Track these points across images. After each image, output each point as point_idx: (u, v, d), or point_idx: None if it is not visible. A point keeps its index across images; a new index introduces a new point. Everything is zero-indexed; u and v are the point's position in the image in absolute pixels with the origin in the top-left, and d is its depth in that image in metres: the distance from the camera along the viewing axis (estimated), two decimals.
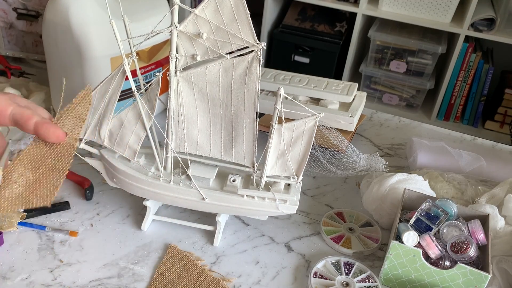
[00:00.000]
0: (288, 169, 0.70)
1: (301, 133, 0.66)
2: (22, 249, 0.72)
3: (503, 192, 0.84)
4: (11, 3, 1.14)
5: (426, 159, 0.93)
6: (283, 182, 0.71)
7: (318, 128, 0.86)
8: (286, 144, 0.67)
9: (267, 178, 0.70)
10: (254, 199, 0.70)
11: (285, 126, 0.65)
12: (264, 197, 0.70)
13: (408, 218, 0.73)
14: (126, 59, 0.63)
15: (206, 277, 0.70)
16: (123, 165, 0.71)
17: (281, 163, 0.69)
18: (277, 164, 0.69)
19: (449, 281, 0.67)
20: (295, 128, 0.66)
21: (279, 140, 0.67)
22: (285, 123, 0.65)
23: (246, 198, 0.70)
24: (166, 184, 0.70)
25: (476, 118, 2.30)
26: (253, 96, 0.64)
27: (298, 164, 0.69)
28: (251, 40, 0.60)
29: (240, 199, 0.70)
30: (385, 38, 2.21)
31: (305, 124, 0.66)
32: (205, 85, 0.65)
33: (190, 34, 0.60)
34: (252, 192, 0.70)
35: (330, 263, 0.73)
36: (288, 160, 0.69)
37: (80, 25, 0.85)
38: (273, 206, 0.71)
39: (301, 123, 0.66)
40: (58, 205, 0.79)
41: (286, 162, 0.69)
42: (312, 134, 0.67)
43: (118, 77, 0.64)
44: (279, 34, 2.40)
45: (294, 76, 1.04)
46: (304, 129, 0.66)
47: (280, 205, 0.70)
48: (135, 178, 0.71)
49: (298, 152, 0.68)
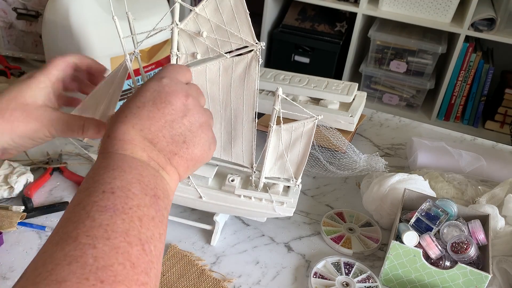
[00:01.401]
0: (287, 171, 0.70)
1: (300, 135, 0.66)
2: (22, 249, 0.72)
3: (503, 192, 0.84)
4: (11, 3, 1.14)
5: (426, 159, 0.93)
6: (282, 184, 0.71)
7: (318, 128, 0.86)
8: (285, 145, 0.67)
9: (266, 179, 0.70)
10: (251, 199, 0.70)
11: (284, 127, 0.65)
12: (261, 198, 0.70)
13: (408, 218, 0.73)
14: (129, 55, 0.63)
15: (207, 277, 0.70)
16: None
17: (280, 165, 0.69)
18: (275, 166, 0.69)
19: (449, 281, 0.67)
20: (294, 130, 0.66)
21: (277, 141, 0.67)
22: (284, 125, 0.65)
23: (243, 199, 0.70)
24: None
25: (476, 118, 2.30)
26: (252, 96, 0.64)
27: (296, 166, 0.69)
28: (250, 39, 0.60)
29: (237, 199, 0.70)
30: (385, 38, 2.21)
31: (304, 126, 0.66)
32: (205, 84, 0.65)
33: (190, 32, 0.60)
34: (249, 193, 0.70)
35: (330, 263, 0.73)
36: (286, 162, 0.69)
37: (80, 25, 0.85)
38: (270, 207, 0.71)
39: (299, 125, 0.65)
40: (58, 205, 0.79)
41: (285, 164, 0.69)
42: (311, 136, 0.66)
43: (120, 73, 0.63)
44: (279, 34, 2.40)
45: (294, 76, 1.04)
46: (302, 131, 0.66)
47: (277, 207, 0.70)
48: None
49: (296, 154, 0.68)
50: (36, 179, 0.83)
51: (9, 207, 0.76)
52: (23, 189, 0.81)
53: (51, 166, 0.86)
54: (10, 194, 0.80)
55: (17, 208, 0.76)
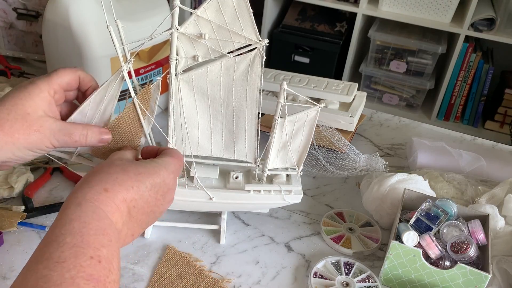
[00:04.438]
0: (289, 160, 0.70)
1: (302, 124, 0.67)
2: (22, 249, 0.72)
3: (503, 192, 0.84)
4: (11, 3, 1.14)
5: (426, 159, 0.93)
6: (284, 173, 0.72)
7: (318, 129, 0.86)
8: (288, 136, 0.68)
9: (269, 171, 0.71)
10: (261, 193, 0.71)
11: (288, 118, 0.66)
12: (270, 190, 0.71)
13: (408, 218, 0.73)
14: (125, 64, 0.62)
15: (205, 278, 0.70)
16: None
17: (282, 155, 0.70)
18: (278, 157, 0.70)
19: (449, 281, 0.67)
20: (297, 120, 0.67)
21: (280, 133, 0.67)
22: (288, 116, 0.66)
23: (252, 193, 0.71)
24: None
25: (476, 118, 2.30)
26: (255, 92, 0.64)
27: (299, 155, 0.71)
28: (253, 37, 0.60)
29: (247, 194, 0.71)
30: (385, 38, 2.21)
31: (307, 115, 0.66)
32: (205, 86, 0.65)
33: (191, 35, 0.60)
34: (258, 187, 0.71)
35: (330, 263, 0.73)
36: (289, 151, 0.69)
37: (80, 25, 0.85)
38: (279, 197, 0.72)
39: (302, 115, 0.66)
40: (58, 205, 0.79)
41: (287, 154, 0.70)
42: (313, 125, 0.67)
43: (116, 84, 0.63)
44: (279, 34, 2.40)
45: (294, 76, 1.04)
46: (305, 120, 0.67)
47: (286, 196, 0.72)
48: None
49: (299, 143, 0.69)
50: (36, 179, 0.83)
51: (9, 207, 0.76)
52: (23, 189, 0.81)
53: (51, 166, 0.86)
54: (10, 194, 0.80)
55: (17, 208, 0.76)
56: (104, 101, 0.62)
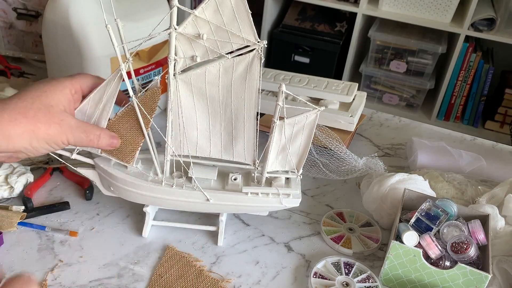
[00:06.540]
0: (288, 163, 0.70)
1: (302, 127, 0.67)
2: (22, 249, 0.72)
3: (503, 192, 0.84)
4: (11, 3, 1.14)
5: (426, 159, 0.93)
6: (283, 176, 0.72)
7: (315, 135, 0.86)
8: (287, 138, 0.67)
9: (268, 174, 0.71)
10: (258, 195, 0.71)
11: (287, 121, 0.66)
12: (268, 193, 0.71)
13: (408, 218, 0.73)
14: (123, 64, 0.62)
15: (205, 278, 0.70)
16: (120, 172, 0.70)
17: (281, 158, 0.70)
18: (277, 160, 0.70)
19: (449, 281, 0.67)
20: (296, 123, 0.66)
21: (280, 135, 0.67)
22: (287, 119, 0.65)
23: (250, 196, 0.71)
24: (169, 188, 0.70)
25: (476, 118, 2.30)
26: (254, 94, 0.64)
27: (298, 158, 0.70)
28: (252, 38, 0.60)
29: (244, 197, 0.71)
30: (385, 38, 2.21)
31: (306, 118, 0.66)
32: (204, 86, 0.65)
33: (189, 35, 0.60)
34: (256, 189, 0.70)
35: (330, 263, 0.73)
36: (288, 154, 0.69)
37: (80, 25, 0.85)
38: (276, 201, 0.71)
39: (302, 118, 0.66)
40: (58, 205, 0.79)
41: (287, 157, 0.69)
42: (313, 128, 0.67)
43: (114, 83, 0.63)
44: (279, 34, 2.40)
45: (294, 76, 1.04)
46: (304, 123, 0.66)
47: (284, 199, 0.71)
48: (135, 185, 0.70)
49: (298, 146, 0.69)
50: (36, 179, 0.83)
51: (9, 207, 0.76)
52: (23, 189, 0.81)
53: (51, 166, 0.86)
54: (10, 194, 0.80)
55: (17, 208, 0.76)
56: (103, 100, 0.63)
